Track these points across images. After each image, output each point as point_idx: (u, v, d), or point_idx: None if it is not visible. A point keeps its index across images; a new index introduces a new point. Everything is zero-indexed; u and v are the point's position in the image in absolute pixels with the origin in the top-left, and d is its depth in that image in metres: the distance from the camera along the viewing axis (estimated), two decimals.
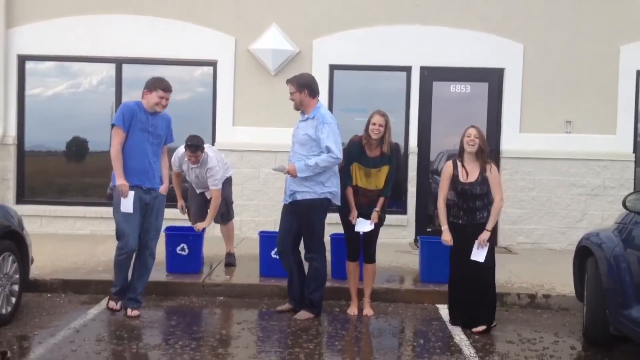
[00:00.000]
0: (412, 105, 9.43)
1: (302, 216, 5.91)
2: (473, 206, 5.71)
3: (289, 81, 6.01)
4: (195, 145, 7.00)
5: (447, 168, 5.84)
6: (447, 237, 5.75)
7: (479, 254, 5.65)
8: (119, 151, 5.68)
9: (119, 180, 5.67)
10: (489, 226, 5.68)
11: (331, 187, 5.91)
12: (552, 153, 9.36)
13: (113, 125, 5.75)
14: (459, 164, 5.79)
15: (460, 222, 5.75)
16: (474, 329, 5.63)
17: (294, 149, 5.96)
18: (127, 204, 5.68)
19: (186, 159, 7.14)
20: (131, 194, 5.68)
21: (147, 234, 5.89)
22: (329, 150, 5.78)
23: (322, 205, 5.93)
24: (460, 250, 5.73)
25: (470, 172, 5.73)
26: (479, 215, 5.72)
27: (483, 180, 5.70)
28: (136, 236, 5.77)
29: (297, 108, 5.98)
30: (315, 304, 5.97)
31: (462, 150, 5.80)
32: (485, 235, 5.66)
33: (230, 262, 7.47)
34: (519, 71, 9.36)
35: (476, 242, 5.64)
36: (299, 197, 5.87)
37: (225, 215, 7.43)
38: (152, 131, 5.81)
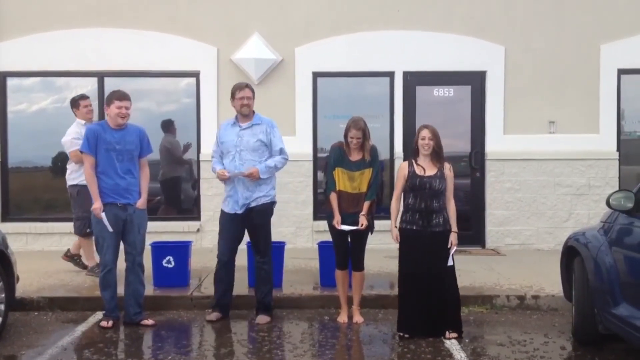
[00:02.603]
0: (397, 110, 9.46)
1: (257, 220, 6.06)
2: (430, 207, 5.56)
3: (248, 86, 6.20)
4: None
5: (403, 167, 5.75)
6: (394, 235, 5.71)
7: (450, 259, 5.60)
8: (91, 174, 5.86)
9: (95, 203, 5.83)
10: (455, 228, 5.63)
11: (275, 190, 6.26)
12: (536, 154, 9.40)
13: (80, 152, 5.98)
14: (414, 162, 5.69)
15: (414, 228, 5.59)
16: (448, 335, 5.54)
17: (241, 156, 6.01)
18: (106, 224, 5.84)
19: (85, 123, 7.44)
20: (103, 215, 5.82)
21: (133, 249, 5.99)
22: (282, 151, 6.14)
23: (272, 208, 6.21)
24: (413, 258, 5.58)
25: (427, 169, 5.63)
26: (435, 220, 5.57)
27: (442, 175, 5.61)
28: (113, 252, 5.89)
29: (246, 114, 6.11)
30: (270, 307, 6.16)
31: (416, 150, 5.70)
32: (454, 238, 5.62)
33: (84, 264, 7.70)
34: (501, 73, 9.41)
35: (451, 248, 5.59)
36: (253, 203, 6.03)
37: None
38: (120, 148, 5.89)
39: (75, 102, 7.65)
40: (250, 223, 6.09)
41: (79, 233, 7.55)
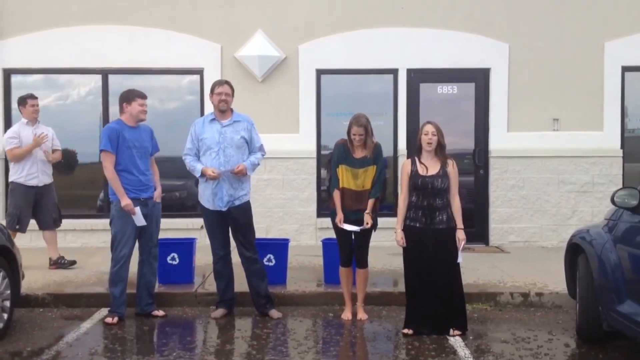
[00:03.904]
0: (400, 108, 9.46)
1: (242, 219, 6.11)
2: (433, 204, 5.57)
3: (227, 83, 6.16)
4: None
5: (406, 165, 5.72)
6: (398, 238, 5.70)
7: (459, 256, 5.59)
8: (114, 172, 5.94)
9: (124, 200, 5.92)
10: (461, 224, 5.61)
11: None
12: (540, 151, 9.40)
13: (102, 150, 5.96)
14: (417, 160, 5.70)
15: (418, 225, 5.60)
16: (452, 333, 5.56)
17: (225, 153, 6.00)
18: (139, 219, 5.96)
19: (28, 122, 7.65)
20: (138, 209, 5.94)
21: (150, 241, 6.19)
22: (261, 148, 6.22)
23: (250, 205, 6.24)
24: (417, 255, 5.61)
25: (430, 167, 5.62)
26: (438, 217, 5.57)
27: (444, 174, 5.59)
28: (131, 247, 6.04)
29: (223, 110, 6.07)
30: (273, 300, 6.26)
31: (420, 147, 5.70)
32: (462, 234, 5.59)
33: (72, 261, 7.83)
34: (505, 70, 9.40)
35: (459, 245, 5.57)
36: (237, 202, 6.07)
37: (57, 220, 7.83)
38: (139, 145, 6.05)
39: (23, 100, 7.74)
40: (234, 222, 6.12)
41: (10, 228, 7.62)
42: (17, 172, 7.58)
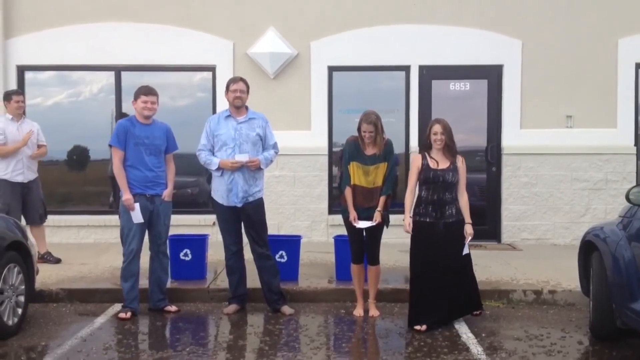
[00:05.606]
0: (412, 105, 9.44)
1: (256, 215, 6.13)
2: (443, 198, 5.64)
3: (242, 80, 6.16)
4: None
5: (416, 159, 5.80)
6: (406, 223, 5.75)
7: (466, 248, 5.71)
8: (120, 168, 6.02)
9: (125, 195, 5.98)
10: (469, 219, 5.70)
11: None
12: (553, 148, 9.35)
13: (110, 145, 6.10)
14: (427, 155, 5.76)
15: (428, 220, 5.67)
16: (474, 313, 5.83)
17: (241, 149, 6.02)
18: (137, 216, 6.00)
19: (13, 118, 7.61)
20: (137, 206, 5.97)
21: (158, 239, 6.21)
22: (275, 146, 6.24)
23: (263, 202, 6.27)
24: (426, 250, 5.66)
25: (440, 162, 5.70)
26: (448, 210, 5.66)
27: (455, 168, 5.68)
28: (138, 242, 6.06)
29: (238, 106, 6.09)
30: (285, 296, 6.30)
31: (428, 144, 5.77)
32: (470, 228, 5.69)
33: (57, 258, 7.84)
34: (518, 67, 9.36)
35: (467, 237, 5.67)
36: (251, 198, 6.08)
37: (43, 216, 7.87)
38: (149, 142, 6.08)
39: (8, 96, 7.72)
40: (248, 218, 6.13)
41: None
42: (3, 169, 7.52)
